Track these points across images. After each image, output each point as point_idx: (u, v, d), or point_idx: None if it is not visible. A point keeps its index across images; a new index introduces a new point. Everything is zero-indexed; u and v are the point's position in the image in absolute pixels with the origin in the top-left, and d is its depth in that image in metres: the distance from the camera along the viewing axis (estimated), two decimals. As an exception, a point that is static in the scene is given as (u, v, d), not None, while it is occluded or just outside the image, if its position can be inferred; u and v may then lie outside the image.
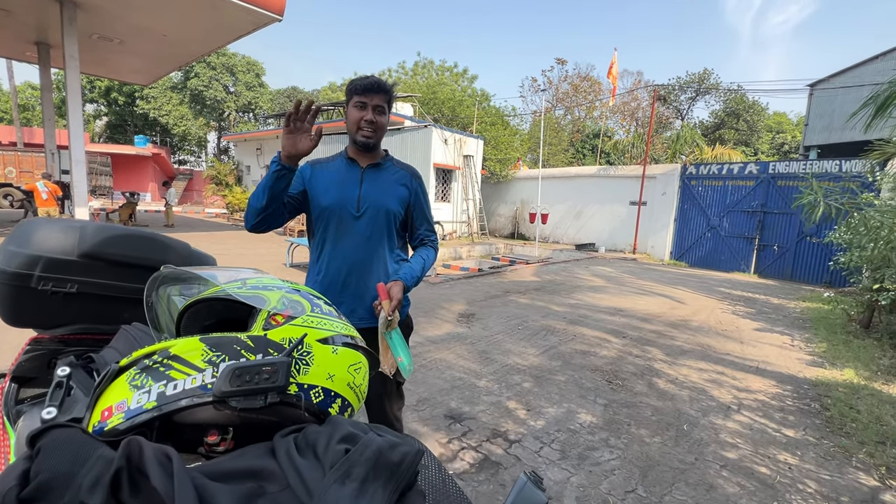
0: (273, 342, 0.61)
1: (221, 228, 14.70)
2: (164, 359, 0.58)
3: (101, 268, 1.23)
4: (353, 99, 1.59)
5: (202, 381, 0.56)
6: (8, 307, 1.15)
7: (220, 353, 0.58)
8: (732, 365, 4.21)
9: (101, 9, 10.00)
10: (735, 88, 24.89)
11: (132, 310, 1.32)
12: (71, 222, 1.26)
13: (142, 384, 0.57)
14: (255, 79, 32.28)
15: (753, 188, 10.83)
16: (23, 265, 1.12)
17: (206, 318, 0.71)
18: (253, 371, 0.56)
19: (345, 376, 0.66)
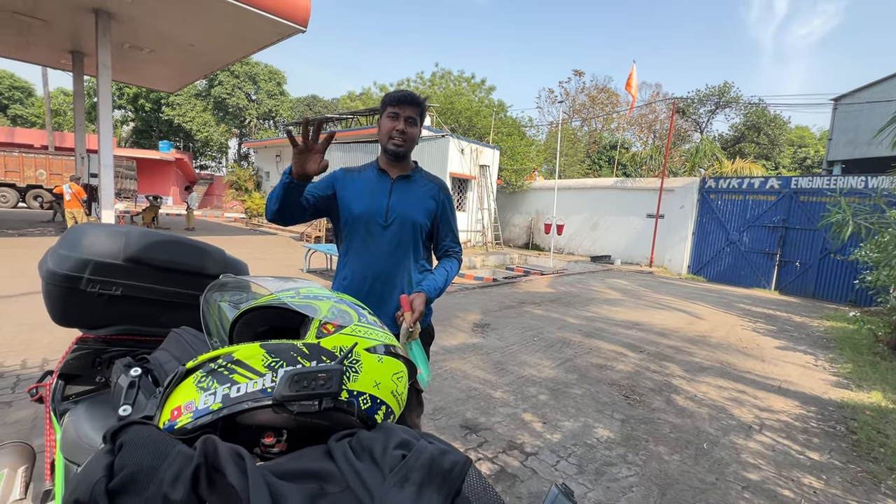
0: (326, 350, 0.64)
1: (240, 233, 14.98)
2: (228, 363, 0.62)
3: (144, 272, 1.28)
4: (386, 109, 1.64)
5: (263, 385, 0.59)
6: (58, 308, 1.21)
7: (278, 358, 0.62)
8: (753, 383, 4.12)
9: (134, 19, 10.39)
10: (756, 102, 24.55)
11: (169, 313, 1.37)
12: (117, 227, 1.33)
13: (208, 386, 0.60)
14: (276, 87, 33.02)
15: (775, 203, 10.63)
16: (73, 268, 1.18)
17: (260, 325, 0.74)
18: (309, 377, 0.59)
19: (389, 384, 0.68)
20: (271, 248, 11.60)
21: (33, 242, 9.39)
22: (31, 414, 2.62)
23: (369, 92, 30.69)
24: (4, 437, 2.36)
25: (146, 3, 9.42)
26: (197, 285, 1.40)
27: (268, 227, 17.34)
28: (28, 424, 2.51)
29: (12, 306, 4.71)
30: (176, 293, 1.36)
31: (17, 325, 4.16)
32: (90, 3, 9.68)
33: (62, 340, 3.82)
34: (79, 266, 1.18)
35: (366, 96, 30.49)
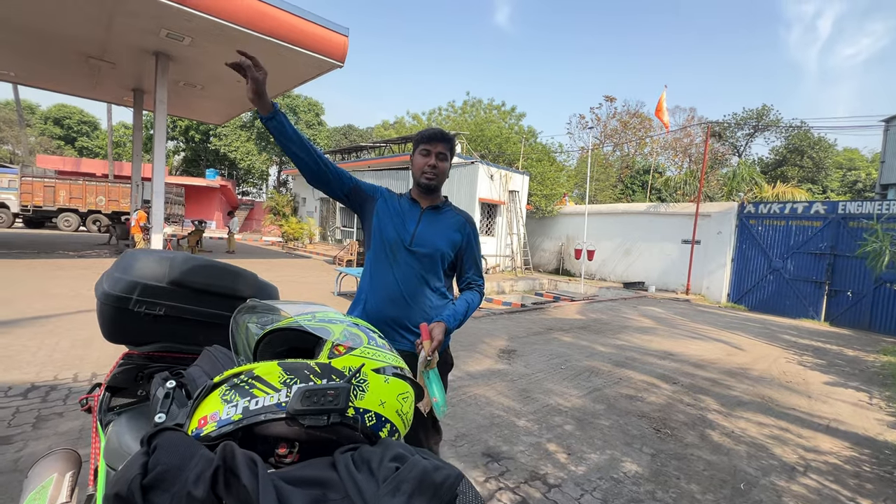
0: (336, 369, 0.71)
1: (277, 256, 15.58)
2: (249, 378, 0.69)
3: (185, 294, 1.41)
4: (419, 147, 1.77)
5: (278, 400, 0.66)
6: (109, 325, 1.34)
7: (293, 376, 0.69)
8: (798, 421, 3.86)
9: (189, 60, 11.33)
10: (798, 125, 23.67)
11: (205, 332, 1.49)
12: (163, 253, 1.47)
13: (231, 399, 0.68)
14: (314, 118, 34.72)
15: (821, 229, 10.10)
16: (124, 289, 1.31)
17: (280, 345, 0.82)
18: (319, 394, 0.65)
19: (394, 403, 0.74)
20: (305, 271, 11.98)
21: (89, 264, 10.11)
22: (79, 424, 2.80)
23: (402, 121, 31.73)
24: (55, 445, 2.54)
25: (200, 45, 10.28)
26: (231, 306, 1.51)
27: (303, 251, 17.95)
28: (76, 434, 2.69)
29: (68, 323, 5.08)
30: (212, 314, 1.47)
31: (71, 340, 4.48)
32: (152, 46, 10.65)
33: (109, 356, 4.08)
34: (129, 288, 1.31)
35: (399, 125, 31.53)
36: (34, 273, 8.24)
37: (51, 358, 3.96)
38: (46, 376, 3.55)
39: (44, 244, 13.60)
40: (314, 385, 0.67)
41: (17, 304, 5.76)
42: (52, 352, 4.12)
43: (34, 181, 20.28)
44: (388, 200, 1.82)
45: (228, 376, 0.71)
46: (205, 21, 8.90)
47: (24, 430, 2.71)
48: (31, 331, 4.69)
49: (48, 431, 2.71)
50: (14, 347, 4.15)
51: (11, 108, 31.17)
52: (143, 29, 9.64)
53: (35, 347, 4.20)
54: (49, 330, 4.77)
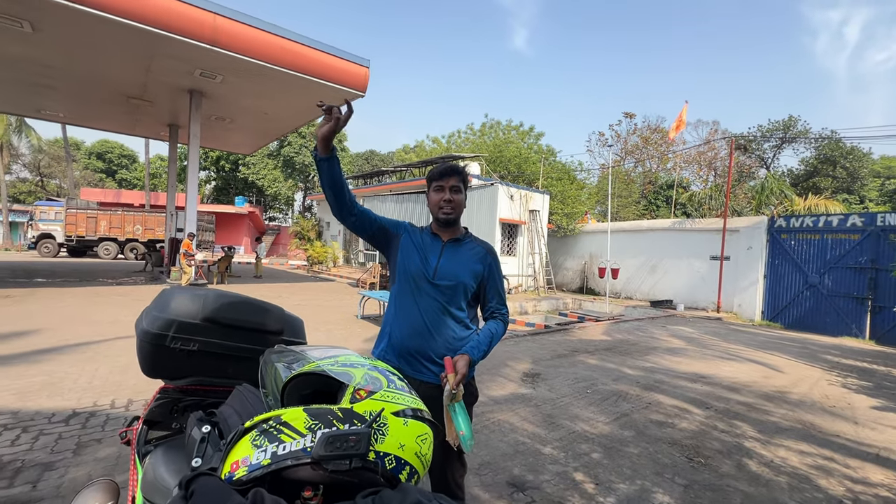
0: (357, 414, 0.75)
1: (302, 280, 15.91)
2: (277, 424, 0.74)
3: (216, 329, 1.49)
4: (432, 185, 1.83)
5: (304, 445, 0.70)
6: (148, 362, 1.43)
7: (317, 421, 0.73)
8: (844, 450, 3.65)
9: (220, 96, 11.98)
10: (828, 135, 22.93)
11: (235, 366, 1.56)
12: (197, 291, 1.55)
13: (260, 444, 0.72)
14: (338, 143, 35.75)
15: (859, 242, 9.66)
16: (162, 327, 1.40)
17: (305, 388, 0.86)
18: (342, 439, 0.69)
19: (413, 446, 0.77)
20: (329, 294, 12.19)
21: (126, 291, 10.57)
22: (116, 451, 2.91)
23: (422, 144, 32.35)
24: (94, 471, 2.65)
25: (231, 82, 10.88)
26: (259, 340, 1.59)
27: (327, 274, 18.28)
28: (112, 461, 2.80)
29: (107, 350, 5.32)
30: (241, 348, 1.55)
31: (110, 367, 4.68)
32: (187, 84, 11.34)
33: (145, 382, 4.24)
34: (166, 325, 1.40)
35: (419, 148, 32.14)
36: (77, 300, 8.67)
37: (90, 384, 4.14)
38: (86, 403, 3.71)
39: (85, 272, 14.32)
40: (337, 430, 0.71)
41: (61, 331, 6.07)
42: (92, 378, 4.31)
43: (78, 213, 21.51)
44: (411, 235, 1.88)
45: (258, 422, 0.76)
46: (236, 61, 9.45)
47: (66, 456, 2.84)
48: (73, 357, 4.93)
49: (87, 458, 2.82)
50: (57, 374, 4.37)
51: (60, 146, 33.39)
52: (179, 70, 10.30)
53: (76, 374, 4.40)
54: (89, 357, 5.00)
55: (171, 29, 8.50)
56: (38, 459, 2.77)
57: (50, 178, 36.87)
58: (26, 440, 3.02)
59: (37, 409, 3.53)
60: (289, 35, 9.73)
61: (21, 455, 2.82)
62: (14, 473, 2.60)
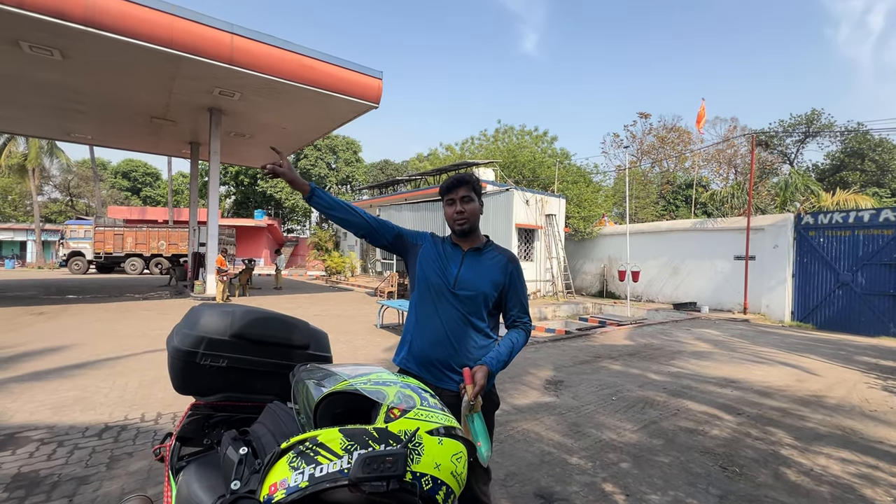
0: (393, 434, 0.74)
1: (321, 290, 16.09)
2: (313, 445, 0.74)
3: (245, 345, 1.51)
4: (444, 199, 1.84)
5: (341, 467, 0.70)
6: (180, 378, 1.45)
7: (353, 442, 0.73)
8: (889, 457, 3.47)
9: (239, 113, 12.29)
10: (854, 127, 22.20)
11: (263, 381, 1.58)
12: (225, 307, 1.58)
13: (297, 466, 0.72)
14: (352, 155, 36.33)
15: (893, 237, 9.28)
16: (192, 344, 1.42)
17: (338, 407, 0.86)
18: (378, 460, 0.69)
19: (449, 465, 0.76)
20: (348, 304, 12.28)
21: (151, 305, 10.85)
22: (147, 465, 2.97)
23: (436, 152, 32.50)
24: (127, 485, 2.70)
25: (249, 99, 11.15)
26: (286, 355, 1.61)
27: (345, 284, 18.45)
28: (144, 474, 2.85)
29: (136, 363, 5.45)
30: (268, 363, 1.56)
31: (139, 380, 4.79)
32: (207, 103, 11.67)
33: (172, 395, 4.32)
34: (196, 342, 1.42)
35: (433, 156, 32.30)
36: (106, 315, 8.94)
37: (122, 398, 4.25)
38: (118, 416, 3.80)
39: (113, 288, 14.78)
40: (373, 452, 0.70)
41: (92, 345, 6.26)
42: (123, 392, 4.42)
43: (105, 230, 22.27)
44: (432, 245, 1.89)
45: (294, 443, 0.76)
46: (254, 78, 9.69)
47: (99, 470, 2.90)
48: (104, 372, 5.07)
49: (120, 472, 2.88)
50: (90, 389, 4.49)
51: (88, 166, 34.70)
52: (199, 89, 10.62)
53: (108, 388, 4.52)
54: (119, 371, 5.13)
55: (192, 51, 8.78)
56: (74, 473, 2.85)
57: (79, 198, 38.34)
58: (62, 454, 3.10)
59: (71, 424, 3.63)
60: (303, 51, 9.94)
61: (58, 469, 2.90)
62: (51, 487, 2.68)
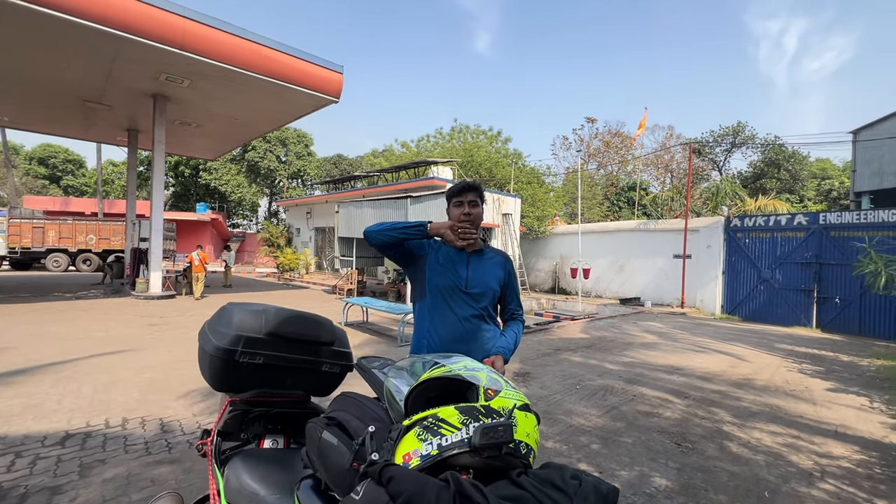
0: (495, 410, 0.88)
1: (274, 288, 15.55)
2: (435, 421, 0.86)
3: (278, 343, 1.57)
4: (451, 201, 2.01)
5: (461, 437, 0.83)
6: (219, 376, 1.49)
7: (467, 417, 0.86)
8: (808, 428, 4.05)
9: (187, 100, 11.58)
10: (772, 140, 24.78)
11: (293, 377, 1.65)
12: (256, 306, 1.63)
13: (425, 438, 0.85)
14: (304, 149, 35.17)
15: (805, 239, 10.56)
16: (231, 342, 1.47)
17: (431, 391, 0.98)
18: (493, 430, 0.82)
19: (534, 434, 0.91)
20: (306, 301, 12.01)
21: (89, 305, 10.02)
22: (125, 470, 2.86)
23: (391, 149, 32.26)
24: (106, 493, 2.60)
25: (199, 87, 10.55)
26: (314, 352, 1.68)
27: (299, 281, 17.94)
28: (123, 479, 2.74)
29: (86, 367, 5.09)
30: (299, 360, 1.63)
31: (93, 386, 4.50)
32: (151, 89, 10.90)
33: (136, 400, 4.13)
34: (234, 340, 1.47)
35: (388, 153, 32.03)
36: (35, 317, 8.16)
37: (77, 405, 3.99)
38: (78, 423, 3.58)
39: (35, 286, 13.41)
40: (487, 423, 0.84)
41: (26, 349, 5.74)
42: (77, 398, 4.15)
43: (22, 222, 20.05)
44: (437, 252, 2.03)
45: (417, 420, 0.88)
46: (207, 65, 9.20)
47: (71, 479, 2.76)
48: (50, 377, 4.70)
49: (95, 479, 2.76)
50: (38, 396, 4.17)
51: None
52: (143, 74, 9.91)
53: (58, 395, 4.21)
54: (67, 376, 4.78)
55: (136, 32, 8.20)
56: (43, 484, 2.69)
57: (-15, 186, 34.07)
58: (23, 465, 2.91)
59: (25, 433, 3.38)
60: (261, 40, 9.59)
61: (22, 480, 2.72)
62: (21, 499, 2.52)
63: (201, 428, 3.45)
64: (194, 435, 3.43)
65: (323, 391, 1.77)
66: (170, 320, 8.39)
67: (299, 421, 1.62)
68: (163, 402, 4.11)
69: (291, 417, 1.60)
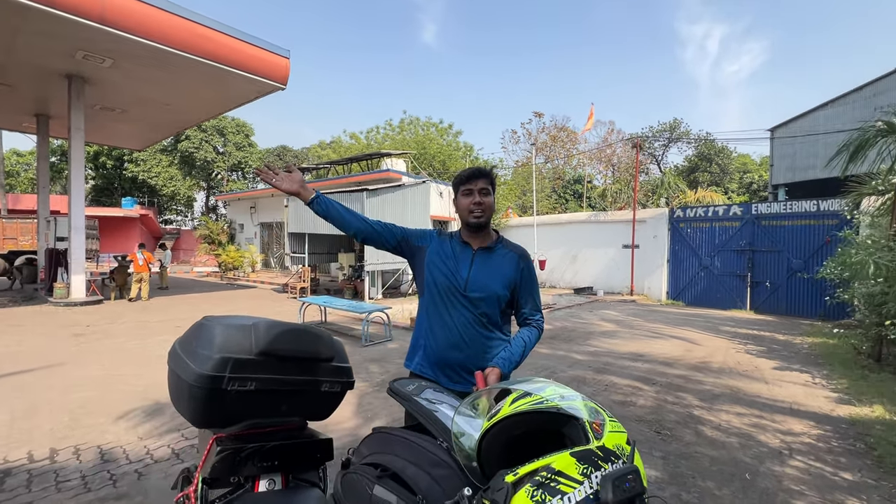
0: (610, 450, 0.71)
1: (217, 288, 14.47)
2: (550, 475, 0.67)
3: (272, 363, 1.31)
4: (460, 189, 1.77)
5: (586, 493, 0.65)
6: (202, 410, 1.20)
7: (586, 465, 0.68)
8: (767, 407, 4.30)
9: (109, 82, 10.36)
10: (704, 136, 26.66)
11: (290, 401, 1.39)
12: (241, 320, 1.35)
13: (542, 499, 0.65)
14: (244, 139, 33.03)
15: (739, 228, 11.40)
16: (216, 367, 1.19)
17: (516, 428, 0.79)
18: (621, 479, 0.65)
19: (643, 470, 0.75)
20: (256, 302, 11.26)
21: (-4, 316, 8.73)
22: (60, 515, 2.41)
23: (339, 140, 31.18)
24: (40, 546, 2.17)
25: (123, 67, 9.46)
26: (312, 370, 1.43)
27: (245, 280, 16.85)
28: (60, 528, 2.31)
29: (-3, 391, 4.35)
30: (296, 381, 1.37)
31: (10, 412, 3.85)
32: (64, 68, 9.63)
33: (66, 426, 3.57)
34: (220, 365, 1.19)
35: (336, 144, 30.93)
36: (-73, 333, 6.95)
37: (-11, 436, 3.37)
38: (-8, 460, 3.01)
39: (-74, 296, 11.51)
40: (613, 472, 0.67)
41: (-80, 374, 4.84)
42: (-12, 429, 3.51)
43: None
44: (439, 245, 1.82)
45: (526, 475, 0.68)
46: (132, 43, 8.24)
47: (-12, 531, 2.29)
48: (-49, 406, 3.96)
49: (21, 529, 2.30)
50: (-65, 429, 3.48)
51: None
52: (54, 50, 8.71)
53: (-37, 426, 3.55)
54: (-27, 402, 4.05)
55: (44, 1, 7.13)
56: (-50, 542, 2.20)
57: None
58: (-80, 520, 2.37)
59: (-79, 478, 2.78)
60: (199, 18, 8.73)
61: (-80, 540, 2.21)
62: (-80, 566, 2.03)
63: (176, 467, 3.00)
64: (143, 463, 2.99)
65: (322, 414, 1.52)
66: (98, 329, 7.49)
67: (297, 452, 1.37)
68: (100, 426, 3.58)
69: (288, 449, 1.35)
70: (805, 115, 20.12)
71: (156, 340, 6.64)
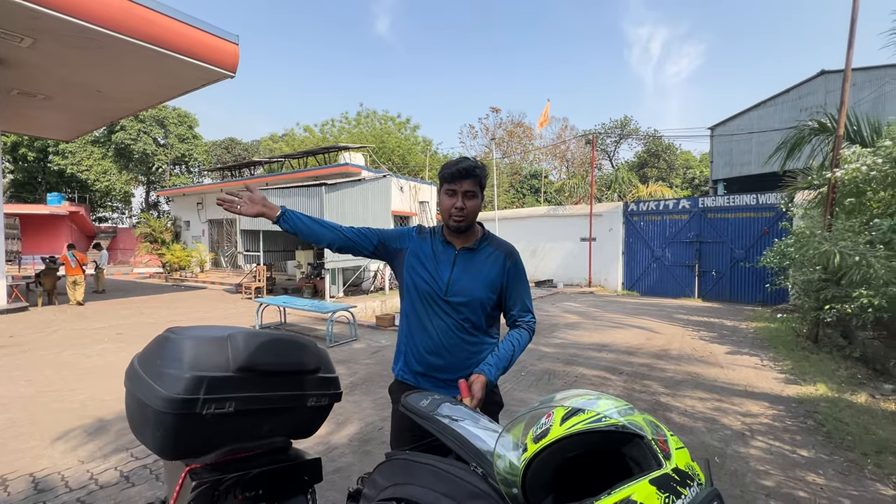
0: (684, 472, 0.63)
1: (162, 291, 13.48)
2: None
3: (253, 380, 1.15)
4: (443, 187, 1.61)
5: None
6: (172, 439, 1.02)
7: (667, 493, 0.59)
8: (725, 391, 4.52)
9: (29, 65, 9.30)
10: (652, 133, 27.99)
11: (272, 421, 1.23)
12: (214, 331, 1.17)
13: None
14: (187, 130, 31.01)
15: (688, 221, 12.04)
16: (189, 388, 1.02)
17: (570, 450, 0.69)
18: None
19: None
20: (208, 303, 10.57)
21: None
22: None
23: (293, 133, 30.02)
24: None
25: (46, 48, 8.51)
26: (296, 384, 1.28)
27: (193, 281, 15.84)
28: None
29: None
30: (279, 397, 1.22)
31: (-84, 441, 3.33)
32: (-26, 47, 8.51)
33: (41, 443, 3.14)
34: (193, 385, 1.02)
35: (289, 137, 29.75)
36: None
37: None
38: None
39: None
40: (693, 499, 0.59)
41: None
42: None
43: None
44: (419, 246, 1.69)
45: None
46: (57, 21, 7.39)
47: None
48: None
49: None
50: None
51: None
52: (-39, 25, 7.66)
53: None
54: None
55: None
56: None
57: None
58: None
59: None
60: (135, -4, 7.97)
61: None
62: None
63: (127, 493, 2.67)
64: (86, 490, 2.67)
65: (307, 431, 1.37)
66: (24, 340, 6.72)
67: (283, 476, 1.22)
68: (32, 451, 3.17)
69: (272, 474, 1.19)
70: (740, 114, 21.58)
71: (95, 350, 6.05)
